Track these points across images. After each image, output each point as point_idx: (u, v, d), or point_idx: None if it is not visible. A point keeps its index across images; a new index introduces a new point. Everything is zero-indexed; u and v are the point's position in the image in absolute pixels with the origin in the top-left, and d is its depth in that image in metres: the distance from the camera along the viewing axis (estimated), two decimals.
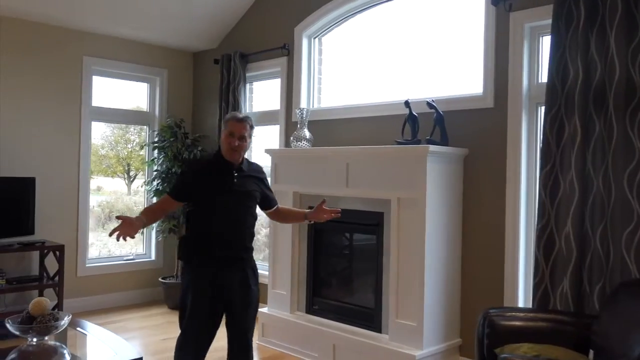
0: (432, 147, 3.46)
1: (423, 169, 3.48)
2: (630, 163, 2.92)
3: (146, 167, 5.78)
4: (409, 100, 3.82)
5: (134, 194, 5.93)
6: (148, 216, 2.86)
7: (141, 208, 5.84)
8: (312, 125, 4.55)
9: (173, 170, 5.33)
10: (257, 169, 3.09)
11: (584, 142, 3.09)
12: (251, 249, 3.01)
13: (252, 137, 3.01)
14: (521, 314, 2.85)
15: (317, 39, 4.91)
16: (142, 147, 5.73)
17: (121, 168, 5.55)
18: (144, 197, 5.85)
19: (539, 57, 3.53)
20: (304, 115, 4.47)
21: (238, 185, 2.91)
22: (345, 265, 4.33)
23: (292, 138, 4.48)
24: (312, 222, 3.22)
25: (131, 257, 5.70)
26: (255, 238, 3.09)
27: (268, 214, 3.21)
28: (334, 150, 4.08)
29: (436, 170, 3.54)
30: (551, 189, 3.22)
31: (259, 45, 5.22)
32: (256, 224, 3.06)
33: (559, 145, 3.21)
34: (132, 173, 5.88)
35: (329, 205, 3.12)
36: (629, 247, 2.91)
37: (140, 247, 5.86)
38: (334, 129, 4.52)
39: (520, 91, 3.50)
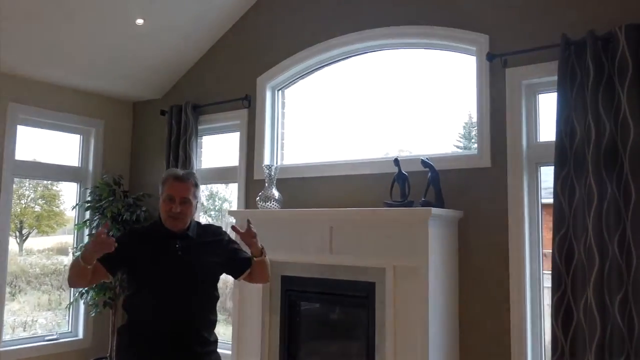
0: (434, 210, 3.14)
1: (425, 234, 3.14)
2: None
3: (76, 231, 5.03)
4: (399, 158, 3.52)
5: (27, 254, 5.11)
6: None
7: (38, 270, 5.07)
8: (280, 184, 4.12)
9: (111, 234, 4.64)
10: (215, 231, 2.54)
11: (600, 205, 2.90)
12: (210, 342, 2.41)
13: (199, 199, 2.46)
14: None
15: (280, 91, 4.55)
16: (73, 208, 4.99)
17: (12, 226, 4.80)
18: None
19: (537, 116, 3.38)
20: (273, 173, 4.04)
21: (182, 257, 2.33)
22: (327, 342, 3.82)
23: (258, 198, 4.01)
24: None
25: (54, 336, 4.84)
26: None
27: (246, 280, 2.59)
28: (315, 212, 3.66)
29: (436, 235, 3.22)
30: (567, 256, 2.99)
31: (212, 96, 4.77)
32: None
33: (571, 208, 3.01)
34: (24, 231, 5.11)
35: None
36: None
37: (64, 325, 5.01)
38: (307, 189, 4.11)
39: (520, 151, 3.30)
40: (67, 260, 5.24)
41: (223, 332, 4.70)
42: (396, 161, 3.51)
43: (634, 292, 2.79)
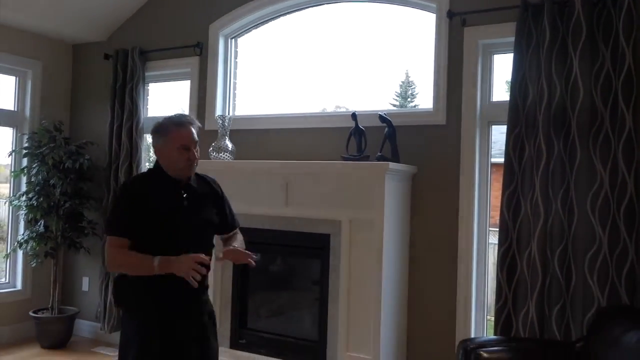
0: (391, 165, 3.20)
1: (381, 188, 3.20)
2: (593, 186, 2.93)
3: (12, 179, 4.79)
4: (356, 113, 3.54)
5: None
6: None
7: None
8: (232, 135, 4.05)
9: (51, 182, 4.45)
10: (210, 182, 2.52)
11: (547, 164, 3.05)
12: (207, 288, 2.45)
13: None
14: (504, 346, 2.69)
15: (234, 40, 4.43)
16: (9, 154, 4.72)
17: None
18: (9, 215, 4.83)
19: (491, 76, 3.47)
20: (226, 124, 3.97)
21: (189, 208, 2.33)
22: (281, 293, 3.89)
23: (211, 149, 3.94)
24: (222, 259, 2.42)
25: None
26: None
27: (221, 240, 2.60)
28: (272, 164, 3.64)
29: (391, 189, 3.29)
30: (514, 211, 3.14)
31: (161, 41, 4.58)
32: None
33: (520, 166, 3.15)
34: None
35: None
36: (591, 270, 2.90)
37: (2, 275, 4.82)
38: (261, 141, 4.07)
39: (474, 109, 3.40)
40: None
41: None
42: (354, 115, 3.53)
43: (573, 246, 2.98)
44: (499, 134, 3.64)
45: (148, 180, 2.41)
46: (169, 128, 2.31)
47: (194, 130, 2.33)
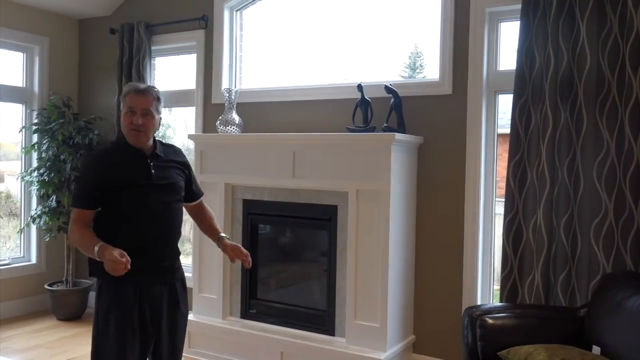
0: (397, 136, 3.21)
1: (387, 159, 3.22)
2: (599, 154, 2.93)
3: (23, 155, 4.84)
4: (362, 84, 3.53)
5: None
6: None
7: None
8: (238, 108, 4.07)
9: (62, 157, 4.50)
10: (177, 151, 2.53)
11: (554, 132, 3.04)
12: (179, 254, 2.50)
13: (161, 114, 2.40)
14: (508, 312, 2.72)
15: (238, 12, 4.40)
16: (20, 130, 4.77)
17: None
18: (21, 190, 4.90)
19: (498, 44, 3.44)
20: (233, 97, 3.98)
21: (157, 177, 2.33)
22: (289, 264, 3.95)
23: (218, 122, 3.97)
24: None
25: (6, 261, 4.75)
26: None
27: (187, 208, 2.62)
28: (278, 136, 3.66)
29: (398, 160, 3.31)
30: (520, 180, 3.15)
31: (166, 15, 4.56)
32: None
33: (527, 135, 3.14)
34: None
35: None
36: (597, 237, 2.92)
37: (17, 250, 4.92)
38: (267, 113, 4.08)
39: (480, 78, 3.38)
40: (3, 186, 5.06)
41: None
42: (359, 87, 3.52)
43: (579, 214, 2.99)
44: (508, 104, 3.61)
45: (114, 151, 2.36)
46: (127, 93, 2.31)
47: (148, 99, 2.30)
